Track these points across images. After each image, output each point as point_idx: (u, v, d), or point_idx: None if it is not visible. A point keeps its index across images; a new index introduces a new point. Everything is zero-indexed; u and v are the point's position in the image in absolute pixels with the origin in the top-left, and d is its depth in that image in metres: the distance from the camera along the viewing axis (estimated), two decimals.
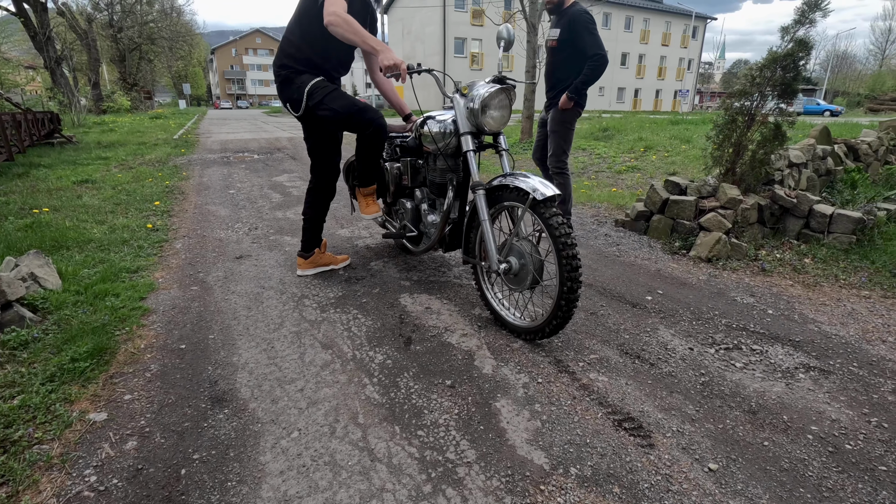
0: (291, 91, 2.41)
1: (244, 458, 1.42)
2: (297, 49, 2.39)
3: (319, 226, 2.80)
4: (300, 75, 2.40)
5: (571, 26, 3.25)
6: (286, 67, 2.42)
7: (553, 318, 1.91)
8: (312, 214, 2.76)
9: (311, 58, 2.40)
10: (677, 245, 3.38)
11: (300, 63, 2.41)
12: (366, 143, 2.52)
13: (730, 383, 1.79)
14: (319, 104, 2.38)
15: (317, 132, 2.58)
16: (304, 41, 2.37)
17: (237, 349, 2.02)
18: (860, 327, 2.27)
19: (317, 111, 2.40)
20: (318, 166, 2.68)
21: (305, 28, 2.37)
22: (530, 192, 1.86)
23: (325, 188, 2.73)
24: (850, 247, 3.25)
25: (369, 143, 2.50)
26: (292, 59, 2.41)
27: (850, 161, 5.12)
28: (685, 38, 41.60)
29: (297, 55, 2.39)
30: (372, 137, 2.47)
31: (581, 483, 1.31)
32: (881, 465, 1.40)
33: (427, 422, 1.57)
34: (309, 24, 2.34)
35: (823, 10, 3.27)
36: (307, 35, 2.37)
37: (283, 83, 2.45)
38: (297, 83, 2.39)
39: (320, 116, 2.41)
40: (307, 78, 2.39)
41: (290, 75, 2.41)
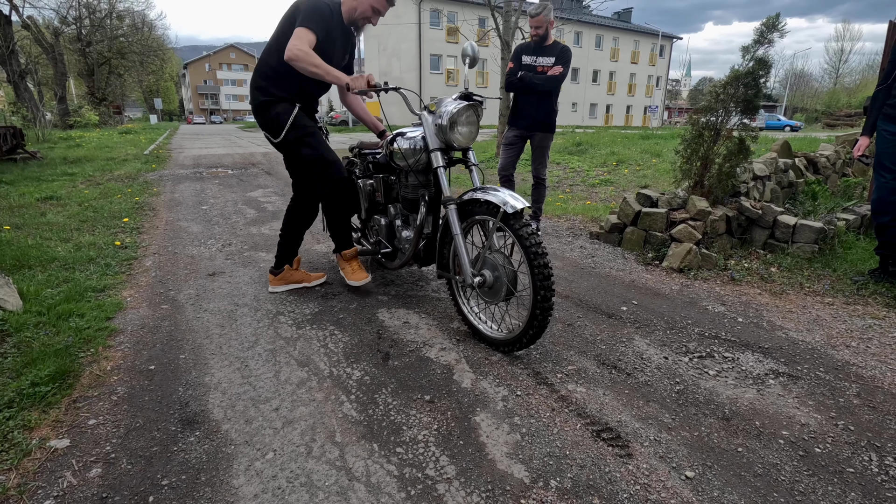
0: (269, 118, 2.42)
1: (216, 482, 1.37)
2: (275, 72, 2.39)
3: (295, 243, 2.77)
4: (278, 103, 2.41)
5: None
6: (264, 92, 2.42)
7: (529, 328, 1.92)
8: (289, 232, 2.73)
9: (289, 82, 2.39)
10: (650, 256, 3.45)
11: (279, 88, 2.40)
12: (324, 201, 2.57)
13: (704, 391, 1.83)
14: (295, 141, 2.43)
15: (294, 158, 2.59)
16: (283, 65, 2.35)
17: (209, 369, 1.97)
18: (825, 333, 2.35)
19: (297, 147, 2.44)
20: (300, 188, 2.69)
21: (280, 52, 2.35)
22: (501, 205, 1.88)
23: (306, 209, 2.71)
24: (813, 256, 3.38)
25: (327, 200, 2.55)
26: (271, 83, 2.40)
27: (810, 174, 5.35)
28: (653, 57, 43.14)
29: (276, 78, 2.39)
30: (329, 196, 2.51)
31: (561, 496, 1.31)
32: (849, 467, 1.44)
33: (406, 438, 1.54)
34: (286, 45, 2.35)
35: (780, 31, 3.44)
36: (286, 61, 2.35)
37: (261, 107, 2.45)
38: (275, 112, 2.40)
39: (301, 153, 2.46)
40: (286, 108, 2.40)
41: (268, 102, 2.42)
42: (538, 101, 3.79)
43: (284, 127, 2.39)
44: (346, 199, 2.56)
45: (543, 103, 3.81)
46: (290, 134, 2.41)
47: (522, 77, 3.75)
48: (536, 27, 3.74)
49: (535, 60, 3.79)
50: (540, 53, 3.80)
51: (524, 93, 3.82)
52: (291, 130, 2.41)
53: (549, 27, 3.78)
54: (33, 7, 21.35)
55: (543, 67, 3.76)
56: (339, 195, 2.52)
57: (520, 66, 3.83)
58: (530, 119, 3.85)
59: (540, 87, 3.72)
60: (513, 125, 3.97)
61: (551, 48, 3.79)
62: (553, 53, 3.76)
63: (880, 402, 1.77)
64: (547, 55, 3.77)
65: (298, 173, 2.67)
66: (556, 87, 3.76)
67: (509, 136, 4.00)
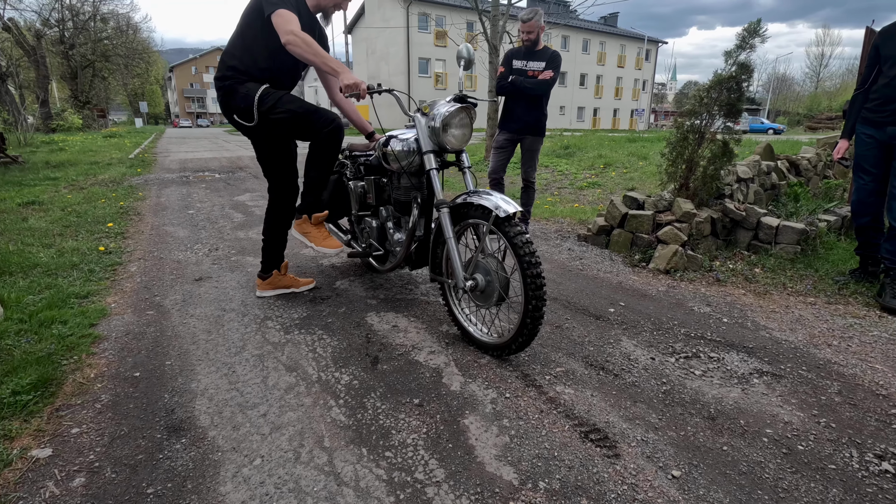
0: (237, 100, 2.32)
1: (203, 489, 1.35)
2: (240, 61, 2.32)
3: (279, 246, 2.74)
4: (244, 84, 2.31)
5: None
6: (228, 78, 2.33)
7: (519, 336, 1.92)
8: (271, 235, 2.69)
9: (255, 70, 2.33)
10: (637, 258, 3.49)
11: (243, 73, 2.32)
12: (321, 147, 2.42)
13: (690, 391, 1.85)
14: (273, 108, 2.29)
15: (269, 146, 2.51)
16: (248, 54, 2.30)
17: (196, 375, 1.94)
18: (807, 332, 2.39)
19: (271, 115, 2.31)
20: (276, 187, 2.63)
21: (249, 42, 2.32)
22: (493, 209, 1.89)
23: (285, 209, 2.65)
24: (795, 256, 3.44)
25: (325, 145, 2.41)
26: (234, 70, 2.32)
27: (792, 176, 5.45)
28: (639, 61, 43.65)
29: (240, 66, 2.32)
30: (329, 138, 2.39)
31: (550, 497, 1.32)
32: (831, 463, 1.46)
33: (395, 442, 1.54)
34: (253, 38, 2.30)
35: (761, 36, 3.51)
36: (251, 49, 2.32)
37: (227, 94, 2.34)
38: (243, 91, 2.30)
39: (275, 120, 2.33)
40: (253, 86, 2.30)
41: (234, 84, 2.32)
42: (528, 105, 3.84)
43: (254, 103, 2.28)
44: (339, 144, 2.46)
45: (534, 107, 3.85)
46: (263, 106, 2.28)
47: (514, 81, 3.79)
48: (528, 32, 3.79)
49: (525, 65, 3.85)
50: (531, 58, 3.85)
51: (515, 97, 3.86)
52: (265, 100, 2.28)
53: (540, 32, 3.84)
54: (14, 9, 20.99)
55: (534, 72, 3.81)
56: (338, 138, 2.41)
57: (511, 71, 3.87)
58: (521, 123, 3.89)
59: (531, 91, 3.76)
60: (503, 129, 4.00)
61: (541, 53, 3.84)
62: (543, 58, 3.82)
63: (860, 399, 1.81)
64: (537, 60, 3.83)
65: (272, 162, 2.56)
66: (546, 91, 3.82)
67: (500, 140, 4.03)
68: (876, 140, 2.86)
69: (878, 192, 2.94)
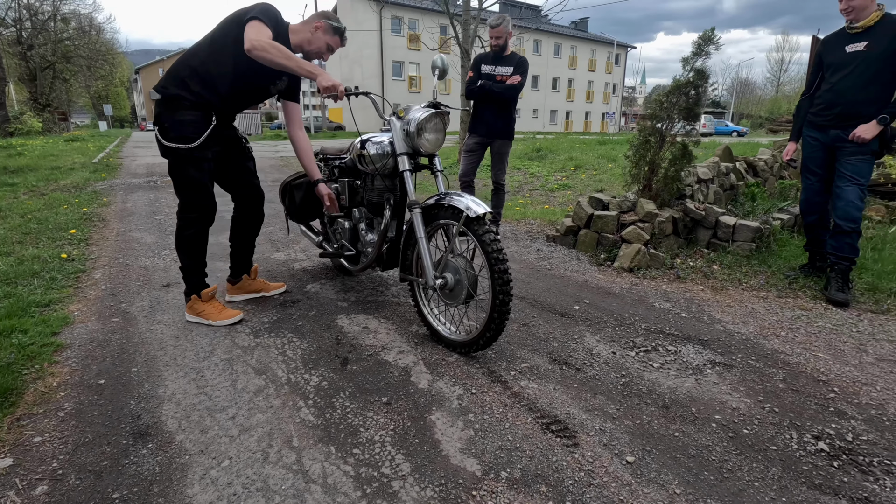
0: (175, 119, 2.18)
1: (170, 492, 1.36)
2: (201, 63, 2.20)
3: (247, 252, 2.73)
4: (192, 109, 2.20)
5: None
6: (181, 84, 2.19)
7: (486, 331, 1.99)
8: (238, 242, 2.69)
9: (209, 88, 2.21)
10: (603, 257, 3.60)
11: (202, 87, 2.20)
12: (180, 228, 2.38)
13: (647, 382, 1.94)
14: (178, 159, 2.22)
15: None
16: (213, 60, 2.21)
17: (163, 381, 1.94)
18: (758, 325, 2.53)
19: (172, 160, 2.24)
20: (236, 196, 2.60)
21: (217, 51, 2.22)
22: (464, 210, 1.95)
23: (251, 213, 2.64)
24: (751, 253, 3.61)
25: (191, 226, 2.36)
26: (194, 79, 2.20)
27: (750, 177, 5.69)
28: (609, 65, 44.62)
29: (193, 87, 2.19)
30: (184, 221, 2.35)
31: (511, 486, 1.37)
32: (772, 445, 1.57)
33: (363, 439, 1.58)
34: (223, 45, 2.21)
35: (716, 44, 3.68)
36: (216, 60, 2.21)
37: (171, 101, 2.19)
38: (185, 118, 2.18)
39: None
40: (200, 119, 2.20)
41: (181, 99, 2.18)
42: (497, 110, 3.92)
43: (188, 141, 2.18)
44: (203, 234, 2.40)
45: (502, 111, 3.94)
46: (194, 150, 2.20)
47: (482, 86, 3.87)
48: (497, 37, 3.88)
49: (494, 70, 3.93)
50: (499, 63, 3.94)
51: (484, 101, 3.93)
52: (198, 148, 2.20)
53: (509, 38, 3.93)
54: None
55: (502, 76, 3.90)
56: (203, 224, 2.36)
57: (480, 76, 3.95)
58: (490, 126, 3.97)
59: (500, 96, 3.84)
60: (473, 132, 4.08)
61: (510, 58, 3.93)
62: (511, 63, 3.91)
63: (802, 385, 1.93)
64: (505, 65, 3.92)
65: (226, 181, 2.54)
66: (514, 95, 3.90)
67: (470, 143, 4.11)
68: (820, 143, 3.03)
69: (823, 192, 3.12)
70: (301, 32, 2.34)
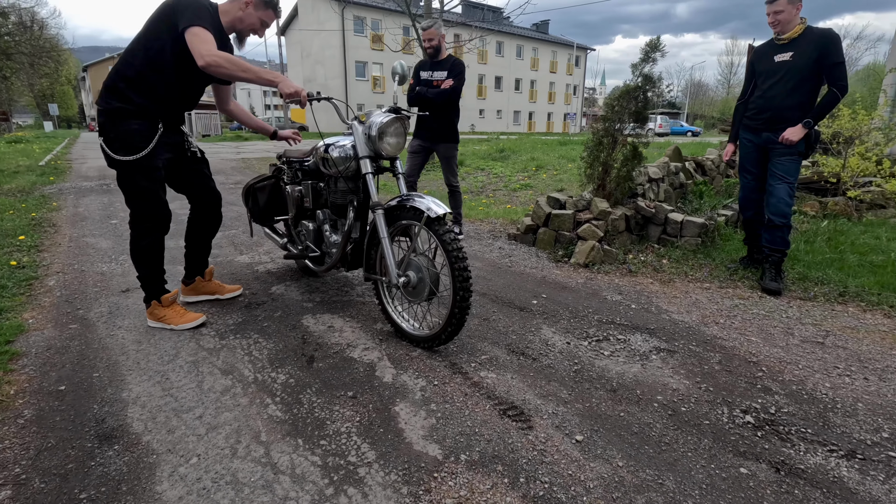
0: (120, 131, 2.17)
1: (138, 490, 1.40)
2: (139, 75, 2.16)
3: (203, 254, 2.74)
4: (135, 118, 2.17)
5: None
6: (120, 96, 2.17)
7: (448, 326, 2.08)
8: (193, 243, 2.68)
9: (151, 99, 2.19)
10: (560, 254, 3.77)
11: (139, 95, 2.17)
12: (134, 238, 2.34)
13: (597, 369, 2.09)
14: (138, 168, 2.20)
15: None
16: (149, 68, 2.16)
17: (127, 385, 1.94)
18: (700, 313, 2.73)
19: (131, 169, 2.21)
20: (192, 198, 2.60)
21: (153, 57, 2.15)
22: (425, 210, 2.04)
23: (207, 214, 2.63)
24: (697, 248, 3.86)
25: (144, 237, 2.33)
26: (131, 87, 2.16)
27: (699, 175, 6.03)
28: (570, 66, 45.68)
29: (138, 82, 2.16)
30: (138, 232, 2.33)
31: (470, 467, 1.48)
32: (706, 420, 1.73)
33: (330, 431, 1.64)
34: (158, 48, 2.15)
35: (661, 51, 3.91)
36: (154, 66, 2.17)
37: (114, 113, 2.17)
38: (129, 127, 2.16)
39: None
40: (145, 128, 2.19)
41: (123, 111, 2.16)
42: (437, 115, 3.96)
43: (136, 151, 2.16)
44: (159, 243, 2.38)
45: (443, 116, 4.00)
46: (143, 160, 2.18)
47: (419, 92, 3.97)
48: (429, 39, 3.97)
49: (431, 75, 4.03)
50: (435, 68, 4.04)
51: (425, 106, 4.02)
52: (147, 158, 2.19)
53: (441, 41, 4.01)
54: None
55: (438, 81, 3.98)
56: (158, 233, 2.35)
57: (419, 82, 4.05)
58: (431, 131, 4.07)
59: (435, 101, 3.92)
60: (416, 136, 4.18)
61: (444, 62, 4.02)
62: (445, 67, 3.99)
63: (736, 366, 2.12)
64: (441, 69, 4.00)
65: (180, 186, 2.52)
66: (451, 99, 3.95)
67: (413, 145, 4.20)
68: (754, 144, 3.29)
69: (759, 190, 3.38)
70: (231, 12, 2.28)
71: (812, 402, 1.84)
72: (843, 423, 1.72)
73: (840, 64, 2.90)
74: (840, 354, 2.24)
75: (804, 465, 1.51)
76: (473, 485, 1.40)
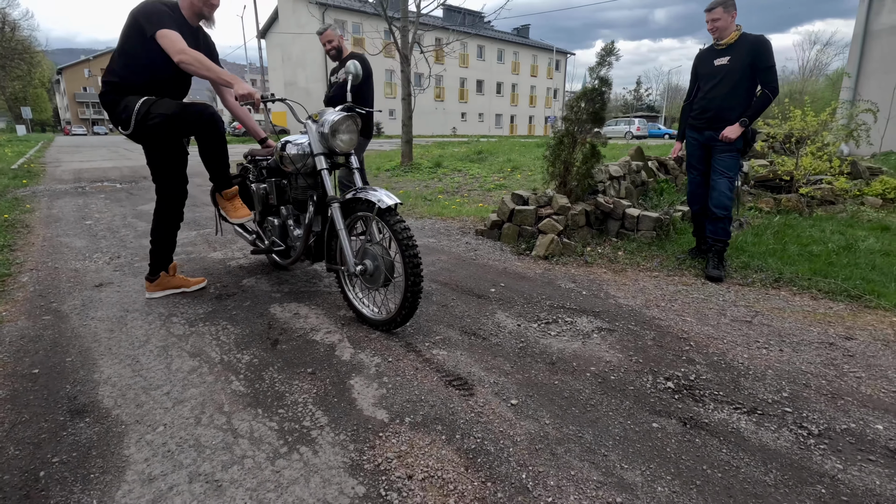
0: (119, 112, 2.49)
1: (108, 454, 1.53)
2: (121, 78, 2.48)
3: (168, 248, 2.84)
4: (124, 97, 2.48)
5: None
6: (109, 93, 2.51)
7: (402, 309, 2.25)
8: (158, 238, 2.78)
9: (136, 86, 2.49)
10: (523, 247, 3.97)
11: (124, 88, 2.49)
12: (205, 137, 2.61)
13: (542, 346, 2.27)
14: (147, 115, 2.46)
15: (156, 149, 2.63)
16: (129, 72, 2.47)
17: (98, 367, 2.06)
18: (645, 298, 2.94)
19: (147, 122, 2.47)
20: (162, 189, 2.71)
21: (129, 60, 2.46)
22: (376, 202, 2.20)
23: (171, 212, 2.75)
24: (652, 241, 4.09)
25: (208, 134, 2.60)
26: (113, 86, 2.49)
27: (661, 174, 6.30)
28: (550, 70, 46.33)
29: (121, 83, 2.48)
30: (208, 127, 2.58)
31: (412, 427, 1.64)
32: (631, 386, 1.92)
33: (288, 402, 1.79)
34: (133, 56, 2.44)
35: (616, 56, 4.15)
36: (131, 67, 2.47)
37: (110, 107, 2.52)
38: (124, 104, 2.47)
39: (152, 125, 2.48)
40: (133, 98, 2.47)
41: (116, 98, 2.49)
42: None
43: (132, 113, 2.45)
44: (221, 131, 2.65)
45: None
46: (140, 112, 2.46)
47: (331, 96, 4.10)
48: (329, 42, 4.04)
49: (338, 77, 4.12)
50: (338, 70, 4.15)
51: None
52: (140, 110, 2.46)
53: (340, 41, 4.12)
54: None
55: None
56: (216, 125, 2.61)
57: (330, 85, 4.20)
58: None
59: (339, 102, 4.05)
60: None
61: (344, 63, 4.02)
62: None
63: (667, 342, 2.32)
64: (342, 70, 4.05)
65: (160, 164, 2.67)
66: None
67: None
68: (698, 142, 3.53)
69: (704, 185, 3.61)
70: (184, 3, 2.53)
71: (728, 370, 2.05)
72: (751, 386, 1.93)
73: (771, 67, 3.15)
74: (763, 331, 2.46)
75: (709, 419, 1.70)
76: (414, 441, 1.57)
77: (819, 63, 43.77)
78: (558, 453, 1.51)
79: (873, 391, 1.90)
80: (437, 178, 8.76)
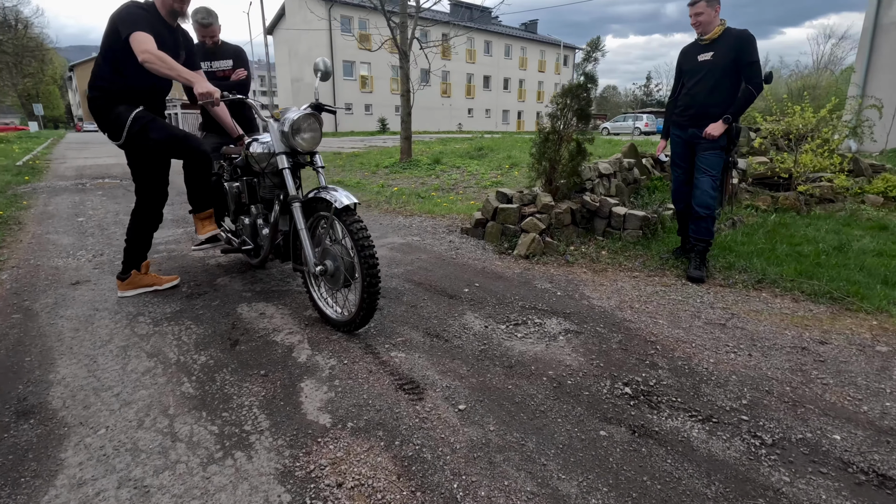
0: (109, 120, 2.53)
1: (43, 457, 1.52)
2: (110, 82, 2.52)
3: (143, 248, 2.87)
4: (116, 105, 2.52)
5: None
6: (98, 98, 2.54)
7: (360, 310, 2.22)
8: (134, 237, 2.81)
9: (124, 90, 2.53)
10: (505, 246, 3.92)
11: (114, 94, 2.52)
12: (192, 170, 2.71)
13: (503, 349, 2.23)
14: (143, 133, 2.53)
15: (140, 159, 2.69)
16: (116, 74, 2.50)
17: (55, 367, 2.06)
18: (620, 299, 2.88)
19: (141, 141, 2.55)
20: (143, 191, 2.76)
21: (113, 63, 2.49)
22: (333, 202, 2.17)
23: (150, 213, 2.81)
24: (638, 240, 4.02)
25: (195, 169, 2.71)
26: (103, 91, 2.53)
27: (656, 171, 6.20)
28: (558, 66, 45.88)
29: (110, 87, 2.52)
30: (197, 164, 2.67)
31: (353, 433, 1.61)
32: (586, 391, 1.88)
33: (234, 405, 1.77)
34: (115, 59, 2.48)
35: (602, 52, 4.11)
36: (116, 69, 2.50)
37: (98, 111, 2.56)
38: (115, 112, 2.51)
39: (146, 146, 2.57)
40: (125, 109, 2.51)
41: (106, 104, 2.53)
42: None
43: (125, 126, 2.50)
44: (209, 167, 2.75)
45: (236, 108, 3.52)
46: (134, 128, 2.51)
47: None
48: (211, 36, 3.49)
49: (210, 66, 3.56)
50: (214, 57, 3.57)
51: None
52: (135, 125, 2.51)
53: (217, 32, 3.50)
54: None
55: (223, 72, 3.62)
56: (205, 163, 2.71)
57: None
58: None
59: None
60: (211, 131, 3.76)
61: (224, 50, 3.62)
62: (229, 56, 3.62)
63: (633, 346, 2.27)
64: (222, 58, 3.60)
65: (143, 171, 2.72)
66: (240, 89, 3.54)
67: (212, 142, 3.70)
68: (682, 139, 3.44)
69: (688, 183, 3.53)
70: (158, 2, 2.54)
71: (690, 376, 2.00)
72: (711, 392, 1.87)
73: (754, 63, 3.06)
74: (736, 334, 2.40)
75: (660, 428, 1.65)
76: (351, 448, 1.54)
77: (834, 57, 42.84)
78: (496, 462, 1.48)
79: (838, 399, 1.83)
80: (434, 175, 8.71)
